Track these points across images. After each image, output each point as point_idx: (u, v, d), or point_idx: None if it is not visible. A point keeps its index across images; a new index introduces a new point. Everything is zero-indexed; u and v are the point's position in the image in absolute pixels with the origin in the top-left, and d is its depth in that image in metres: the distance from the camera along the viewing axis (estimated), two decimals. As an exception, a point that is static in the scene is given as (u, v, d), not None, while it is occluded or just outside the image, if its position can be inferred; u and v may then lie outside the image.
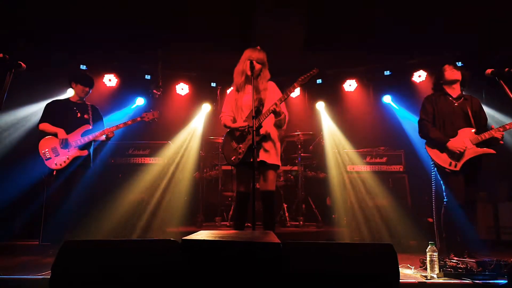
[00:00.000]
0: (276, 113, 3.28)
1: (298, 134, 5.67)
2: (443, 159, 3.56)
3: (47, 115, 4.13)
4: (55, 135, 4.01)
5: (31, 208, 4.62)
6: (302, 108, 6.91)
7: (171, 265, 1.80)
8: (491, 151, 3.47)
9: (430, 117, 3.72)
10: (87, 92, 4.29)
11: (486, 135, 3.44)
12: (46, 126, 4.07)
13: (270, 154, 3.38)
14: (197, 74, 6.89)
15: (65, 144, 3.98)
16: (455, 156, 3.51)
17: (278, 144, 3.50)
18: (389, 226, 4.75)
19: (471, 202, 3.57)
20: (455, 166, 3.50)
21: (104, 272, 1.81)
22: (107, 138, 4.29)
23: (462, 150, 3.46)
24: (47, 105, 4.22)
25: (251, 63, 3.32)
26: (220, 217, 5.52)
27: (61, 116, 4.12)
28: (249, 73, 3.34)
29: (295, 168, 5.74)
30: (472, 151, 3.48)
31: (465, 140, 3.50)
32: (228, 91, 6.45)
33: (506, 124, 3.42)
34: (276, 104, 3.24)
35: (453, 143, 3.50)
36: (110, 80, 6.33)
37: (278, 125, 3.45)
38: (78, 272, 1.81)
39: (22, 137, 5.25)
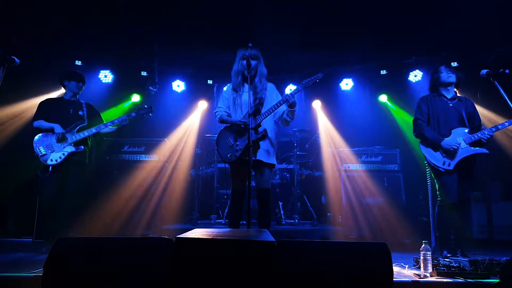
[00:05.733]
0: (292, 104, 3.29)
1: (294, 132, 5.67)
2: (437, 158, 3.61)
3: (41, 113, 4.08)
4: (51, 130, 3.96)
5: (25, 205, 4.59)
6: (299, 106, 6.88)
7: (165, 263, 1.80)
8: (485, 150, 3.52)
9: (425, 117, 3.77)
10: (81, 87, 4.27)
11: (479, 135, 3.51)
12: (41, 123, 4.03)
13: (268, 154, 3.38)
14: (194, 71, 6.86)
15: (62, 138, 3.93)
16: (449, 155, 3.55)
17: (275, 144, 3.51)
18: (383, 225, 4.78)
19: (465, 201, 3.61)
20: (449, 165, 3.54)
21: (97, 270, 1.80)
22: (121, 127, 4.23)
23: (456, 148, 3.51)
24: (41, 103, 4.18)
25: (248, 61, 3.32)
26: (215, 214, 5.51)
27: (55, 113, 4.08)
28: (246, 72, 3.34)
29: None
30: (465, 151, 3.53)
31: (458, 140, 3.54)
32: (225, 88, 6.47)
33: (499, 124, 3.48)
34: (289, 97, 3.24)
35: (447, 142, 3.54)
36: (106, 76, 6.29)
37: (290, 118, 3.44)
38: (71, 269, 1.80)
39: (16, 133, 5.20)
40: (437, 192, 3.66)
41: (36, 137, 3.96)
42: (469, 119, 3.67)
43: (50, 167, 3.88)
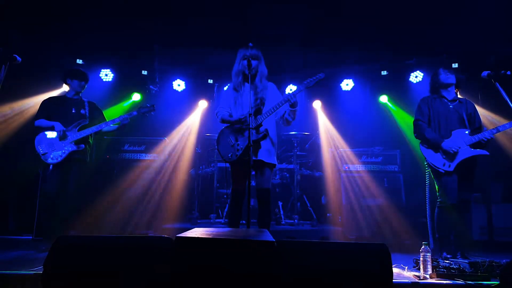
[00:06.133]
0: (293, 104, 3.28)
1: (295, 133, 5.67)
2: (437, 160, 3.61)
3: (43, 112, 4.09)
4: (52, 128, 3.97)
5: (25, 203, 4.59)
6: (299, 106, 6.89)
7: (165, 262, 1.80)
8: (485, 152, 3.51)
9: (426, 118, 3.77)
10: (84, 86, 4.27)
11: (479, 137, 3.51)
12: (41, 122, 4.04)
13: (269, 153, 3.38)
14: (194, 70, 6.86)
15: (62, 135, 3.94)
16: (449, 156, 3.55)
17: (276, 143, 3.50)
18: (383, 226, 4.77)
19: (465, 202, 3.61)
20: (449, 166, 3.54)
21: (97, 269, 1.80)
22: (122, 125, 4.26)
23: (456, 151, 3.50)
24: (43, 102, 4.18)
25: (248, 61, 3.32)
26: (215, 214, 5.51)
27: (57, 112, 4.08)
28: (246, 71, 3.34)
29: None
30: (465, 152, 3.53)
31: (459, 141, 3.54)
32: (225, 88, 6.47)
33: (499, 126, 3.48)
34: (290, 97, 3.24)
35: (448, 144, 3.54)
36: (107, 75, 6.28)
37: (291, 118, 3.42)
38: (71, 268, 1.80)
39: (17, 131, 5.20)
40: (437, 193, 3.66)
41: (37, 136, 3.97)
42: (470, 120, 3.67)
43: (51, 165, 3.89)
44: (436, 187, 3.68)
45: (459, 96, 3.86)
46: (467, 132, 3.59)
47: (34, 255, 3.49)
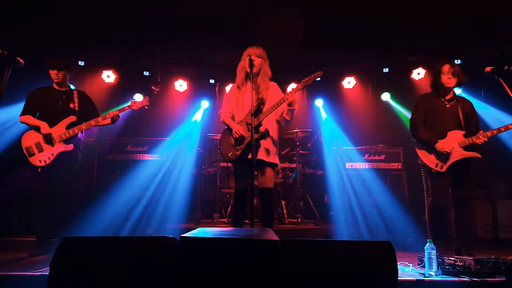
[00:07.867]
0: (291, 103, 3.24)
1: (297, 131, 5.67)
2: (430, 160, 3.60)
3: (29, 107, 3.81)
4: (38, 129, 3.73)
5: (29, 204, 4.60)
6: (301, 105, 6.89)
7: (170, 262, 1.80)
8: (477, 155, 3.52)
9: (422, 117, 3.75)
10: (62, 76, 3.87)
11: (473, 139, 3.49)
12: (27, 119, 3.78)
13: (269, 153, 3.37)
14: (196, 70, 6.87)
15: (48, 139, 3.70)
16: (442, 157, 3.55)
17: (277, 143, 3.49)
18: (387, 224, 4.77)
19: (462, 199, 3.60)
20: (441, 167, 3.54)
21: (103, 269, 1.81)
22: (113, 121, 4.00)
23: (448, 151, 3.50)
24: (29, 94, 3.87)
25: (250, 59, 3.32)
26: (218, 214, 5.51)
27: (43, 106, 3.83)
28: (248, 69, 3.34)
29: (294, 165, 5.73)
30: (458, 154, 3.53)
31: (453, 143, 3.53)
32: (227, 87, 6.47)
33: (494, 129, 3.48)
34: (288, 96, 3.21)
35: (441, 145, 3.54)
36: (109, 76, 6.30)
37: (289, 117, 3.39)
38: (77, 268, 1.81)
39: (19, 133, 5.20)
40: (429, 192, 3.65)
41: (24, 135, 3.74)
42: (466, 120, 3.64)
43: (39, 168, 3.68)
44: (429, 186, 3.67)
45: (457, 94, 3.83)
46: (462, 133, 3.58)
47: (38, 256, 3.50)
